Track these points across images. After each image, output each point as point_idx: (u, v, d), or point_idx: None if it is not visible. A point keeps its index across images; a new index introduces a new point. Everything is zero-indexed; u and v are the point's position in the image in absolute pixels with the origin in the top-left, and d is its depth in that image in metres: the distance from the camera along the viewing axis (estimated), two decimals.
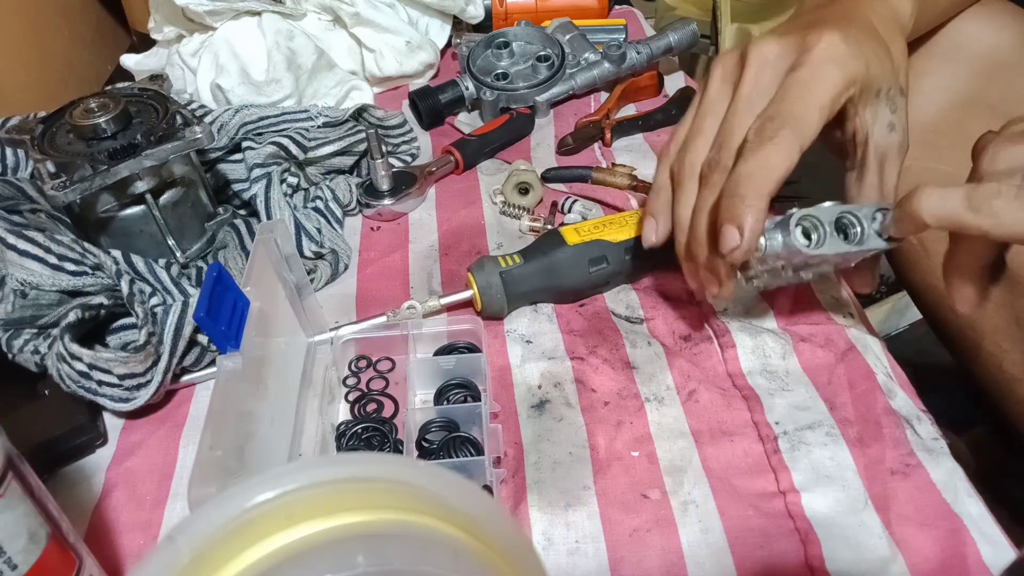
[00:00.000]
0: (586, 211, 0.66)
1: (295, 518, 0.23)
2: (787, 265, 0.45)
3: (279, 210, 0.60)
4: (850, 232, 0.43)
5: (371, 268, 0.63)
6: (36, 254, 0.49)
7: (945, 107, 0.61)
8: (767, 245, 0.42)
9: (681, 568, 0.41)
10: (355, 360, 0.53)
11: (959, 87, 0.61)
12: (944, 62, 0.61)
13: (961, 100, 0.61)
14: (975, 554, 0.39)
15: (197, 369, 0.52)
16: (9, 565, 0.32)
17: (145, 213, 0.55)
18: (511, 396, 0.50)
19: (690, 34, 0.84)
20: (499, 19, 0.94)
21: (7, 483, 0.31)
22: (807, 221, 0.42)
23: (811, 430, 0.46)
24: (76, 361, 0.47)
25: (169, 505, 0.46)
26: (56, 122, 0.54)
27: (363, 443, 0.47)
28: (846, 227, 0.43)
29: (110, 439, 0.50)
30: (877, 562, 0.39)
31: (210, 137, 0.54)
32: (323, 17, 0.81)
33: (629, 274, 0.57)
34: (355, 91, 0.81)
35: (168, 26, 0.81)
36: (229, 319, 0.41)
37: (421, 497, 0.23)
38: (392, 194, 0.67)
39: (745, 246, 0.41)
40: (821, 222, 0.42)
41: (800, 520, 0.42)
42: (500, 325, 0.56)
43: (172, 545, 0.22)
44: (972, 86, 0.60)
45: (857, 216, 0.42)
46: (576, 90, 0.82)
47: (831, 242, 0.42)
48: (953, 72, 0.61)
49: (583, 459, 0.46)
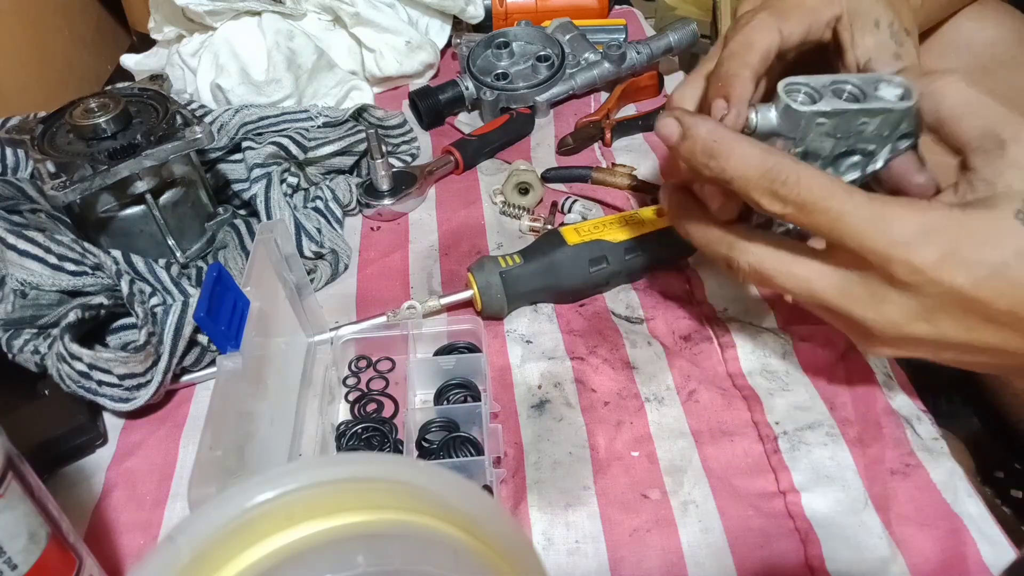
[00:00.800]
0: (586, 211, 0.66)
1: (295, 518, 0.23)
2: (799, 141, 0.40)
3: (279, 210, 0.60)
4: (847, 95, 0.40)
5: (371, 268, 0.63)
6: (36, 254, 0.49)
7: None
8: (759, 119, 0.40)
9: (681, 568, 0.41)
10: (355, 360, 0.53)
11: None
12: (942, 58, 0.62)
13: None
14: (975, 554, 0.39)
15: (197, 369, 0.52)
16: (9, 565, 0.32)
17: (145, 213, 0.55)
18: (511, 396, 0.50)
19: (690, 34, 0.84)
20: (499, 19, 0.94)
21: (7, 483, 0.31)
22: (796, 87, 0.40)
23: (811, 430, 0.46)
24: (76, 361, 0.47)
25: (169, 505, 0.46)
26: (56, 122, 0.54)
27: (363, 443, 0.47)
28: (842, 92, 0.40)
29: (110, 439, 0.50)
30: (877, 562, 0.39)
31: (210, 137, 0.54)
32: (323, 17, 0.81)
33: (629, 274, 0.57)
34: (355, 91, 0.81)
35: (168, 26, 0.81)
36: (229, 319, 0.41)
37: (421, 497, 0.23)
38: (392, 194, 0.67)
39: (733, 113, 0.40)
40: (813, 87, 0.40)
41: (800, 520, 0.42)
42: (500, 325, 0.56)
43: (172, 545, 0.22)
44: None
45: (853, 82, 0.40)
46: (576, 90, 0.82)
47: (828, 101, 0.39)
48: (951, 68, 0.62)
49: (583, 459, 0.46)
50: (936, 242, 0.34)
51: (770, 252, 0.39)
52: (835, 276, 0.37)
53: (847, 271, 0.37)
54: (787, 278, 0.39)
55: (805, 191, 0.36)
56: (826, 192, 0.36)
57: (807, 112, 0.39)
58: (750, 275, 0.40)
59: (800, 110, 0.39)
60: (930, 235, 0.34)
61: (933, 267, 0.34)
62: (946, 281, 0.34)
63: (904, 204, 0.35)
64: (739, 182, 0.37)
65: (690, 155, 0.39)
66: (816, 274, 0.38)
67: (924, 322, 0.36)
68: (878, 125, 0.40)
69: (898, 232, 0.34)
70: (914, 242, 0.34)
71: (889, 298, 0.36)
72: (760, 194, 0.37)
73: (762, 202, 0.37)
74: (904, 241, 0.34)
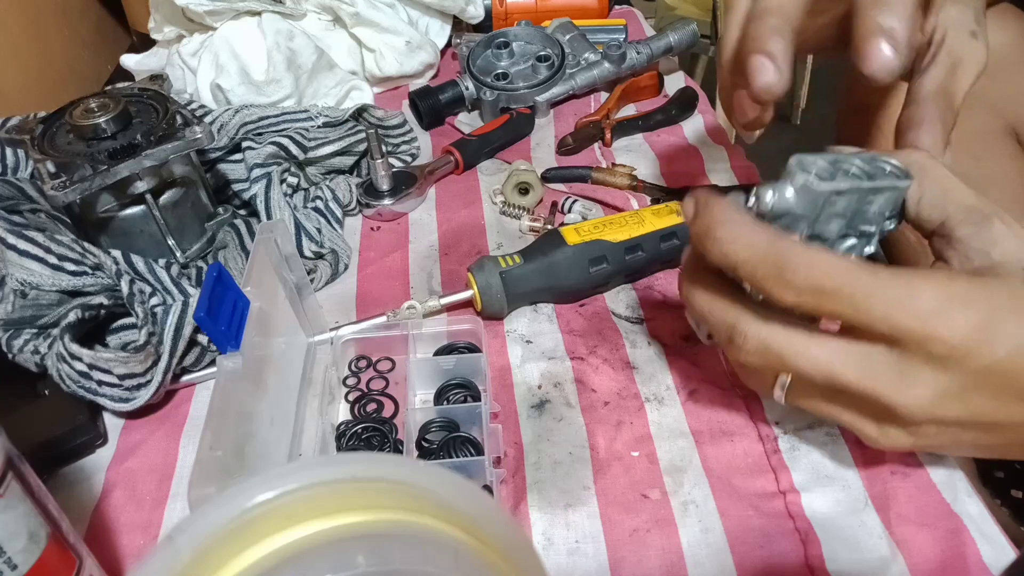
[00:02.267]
0: (586, 211, 0.66)
1: (295, 518, 0.23)
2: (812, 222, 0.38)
3: (279, 210, 0.60)
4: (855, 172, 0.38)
5: (371, 268, 0.63)
6: (36, 254, 0.49)
7: None
8: (776, 198, 0.37)
9: (681, 568, 0.41)
10: (355, 360, 0.53)
11: None
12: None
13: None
14: (975, 554, 0.39)
15: (197, 369, 0.52)
16: (9, 565, 0.32)
17: (145, 213, 0.55)
18: (511, 396, 0.50)
19: (690, 34, 0.84)
20: (499, 19, 0.94)
21: (7, 483, 0.31)
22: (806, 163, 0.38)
23: (811, 430, 0.46)
24: (76, 361, 0.47)
25: (169, 505, 0.46)
26: (56, 122, 0.54)
27: (363, 443, 0.47)
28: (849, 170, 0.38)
29: (110, 439, 0.50)
30: (877, 562, 0.39)
31: (210, 137, 0.54)
32: (323, 17, 0.81)
33: (629, 274, 0.57)
34: (355, 91, 0.81)
35: (168, 26, 0.81)
36: (229, 319, 0.41)
37: (421, 497, 0.23)
38: (392, 194, 0.67)
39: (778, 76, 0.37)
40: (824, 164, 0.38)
41: (800, 520, 0.42)
42: (500, 325, 0.56)
43: (172, 545, 0.22)
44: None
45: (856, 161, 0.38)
46: (576, 90, 0.82)
47: (843, 179, 0.37)
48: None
49: (583, 459, 0.46)
50: (968, 313, 0.32)
51: (781, 330, 0.36)
52: (858, 356, 0.34)
53: (872, 349, 0.34)
54: (802, 359, 0.35)
55: (821, 276, 0.33)
56: (846, 275, 0.33)
57: (825, 191, 0.36)
58: (755, 353, 0.37)
59: (819, 189, 0.36)
60: (962, 305, 0.32)
61: (970, 340, 0.32)
62: (985, 355, 0.32)
63: (926, 275, 0.33)
64: (745, 268, 0.35)
65: (697, 237, 0.37)
66: (837, 355, 0.35)
67: (957, 401, 0.33)
68: (881, 205, 0.38)
69: (930, 305, 0.32)
70: (946, 313, 0.32)
71: (921, 377, 0.33)
72: (770, 283, 0.34)
73: (772, 291, 0.34)
74: (937, 313, 0.32)
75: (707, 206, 0.36)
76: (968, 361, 0.32)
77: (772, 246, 0.34)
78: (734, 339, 0.37)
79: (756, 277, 0.35)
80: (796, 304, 0.34)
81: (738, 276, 0.36)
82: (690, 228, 0.37)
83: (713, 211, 0.36)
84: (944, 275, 0.34)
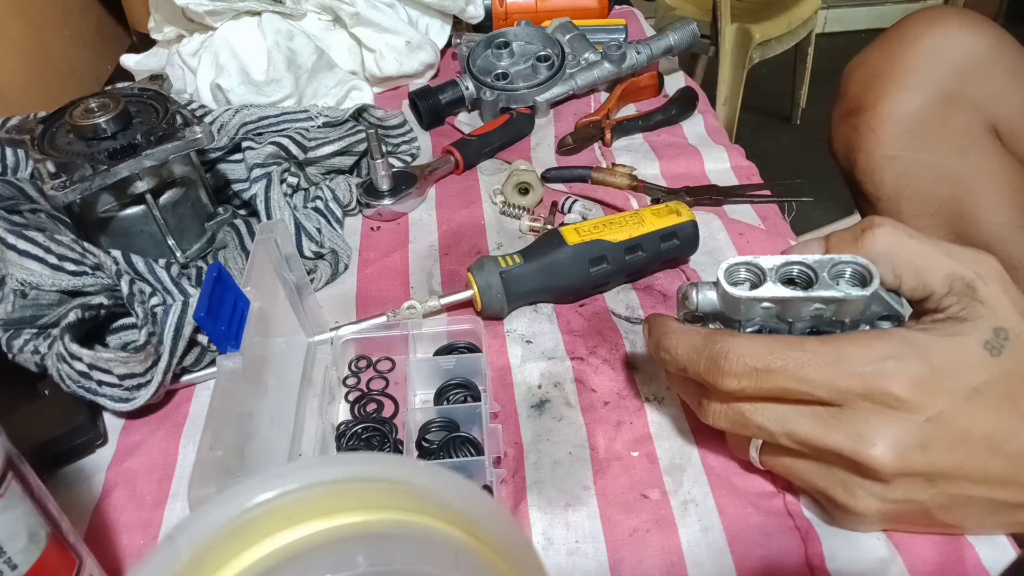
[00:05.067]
0: (586, 211, 0.66)
1: (295, 518, 0.23)
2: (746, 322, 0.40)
3: (279, 210, 0.60)
4: (798, 280, 0.39)
5: (371, 268, 0.63)
6: (36, 254, 0.49)
7: (929, 101, 0.68)
8: (699, 299, 0.40)
9: (681, 568, 0.41)
10: (355, 360, 0.53)
11: (940, 84, 0.67)
12: (928, 60, 0.67)
13: (943, 96, 0.67)
14: (974, 555, 0.39)
15: (197, 369, 0.52)
16: (9, 565, 0.32)
17: (145, 213, 0.55)
18: (511, 396, 0.50)
19: (690, 34, 0.84)
20: (499, 19, 0.94)
21: (7, 483, 0.31)
22: (738, 268, 0.39)
23: None
24: (76, 361, 0.47)
25: (169, 505, 0.46)
26: (56, 122, 0.54)
27: (363, 443, 0.47)
28: (793, 277, 0.39)
29: (110, 439, 0.50)
30: (876, 563, 0.39)
31: (210, 137, 0.54)
32: (323, 17, 0.81)
33: (629, 274, 0.57)
34: (355, 91, 0.81)
35: (168, 26, 0.81)
36: (229, 319, 0.41)
37: (421, 497, 0.23)
38: (392, 194, 0.67)
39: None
40: (759, 269, 0.39)
41: (800, 518, 0.42)
42: (500, 325, 0.56)
43: (172, 545, 0.22)
44: (952, 83, 0.67)
45: (808, 264, 0.38)
46: (576, 90, 0.82)
47: (769, 287, 0.38)
48: (935, 70, 0.67)
49: (583, 459, 0.46)
50: (905, 366, 0.34)
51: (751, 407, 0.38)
52: (811, 414, 0.36)
53: (823, 410, 0.36)
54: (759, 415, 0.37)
55: (751, 358, 0.35)
56: (770, 351, 0.35)
57: (743, 297, 0.38)
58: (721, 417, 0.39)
59: (736, 295, 0.38)
60: (896, 361, 0.34)
61: (913, 392, 0.34)
62: (929, 407, 0.34)
63: (858, 337, 0.35)
64: (691, 367, 0.38)
65: (653, 351, 0.41)
66: (793, 411, 0.36)
67: (919, 453, 0.34)
68: (836, 311, 0.38)
69: (864, 365, 0.34)
70: (883, 369, 0.34)
71: (879, 428, 0.34)
72: (712, 375, 0.37)
73: (716, 382, 0.37)
74: (875, 372, 0.34)
75: (655, 323, 0.41)
76: (917, 412, 0.34)
77: (706, 341, 0.37)
78: (702, 407, 0.40)
79: (700, 373, 0.38)
80: (740, 389, 0.36)
81: (691, 376, 0.39)
82: (647, 346, 0.42)
83: (659, 326, 0.41)
84: (880, 333, 0.36)
